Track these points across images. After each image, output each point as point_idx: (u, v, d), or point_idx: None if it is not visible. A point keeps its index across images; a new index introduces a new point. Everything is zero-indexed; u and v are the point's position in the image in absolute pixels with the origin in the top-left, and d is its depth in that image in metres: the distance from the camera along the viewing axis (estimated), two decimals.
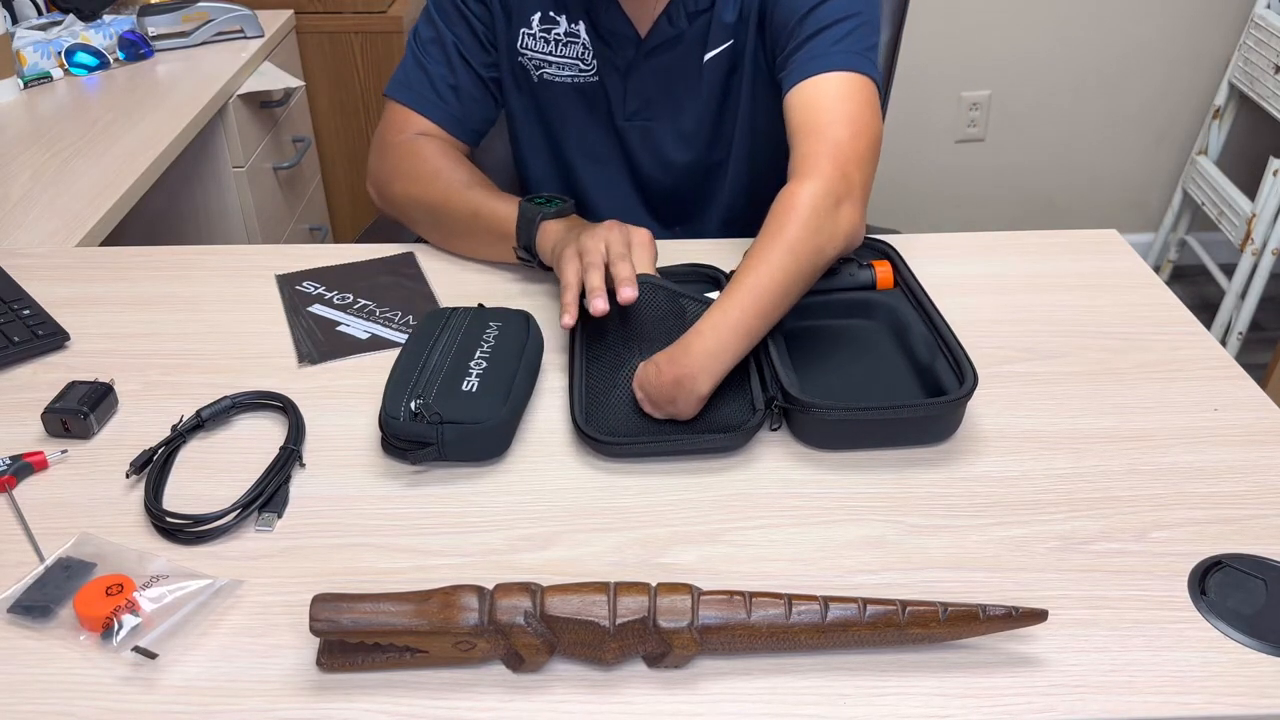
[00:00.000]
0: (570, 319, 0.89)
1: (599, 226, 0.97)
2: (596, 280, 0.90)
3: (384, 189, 1.18)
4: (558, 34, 1.15)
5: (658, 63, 1.15)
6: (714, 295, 1.00)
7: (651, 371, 0.84)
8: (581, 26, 1.14)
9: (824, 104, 0.99)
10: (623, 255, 0.92)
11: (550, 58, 1.16)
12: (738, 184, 1.25)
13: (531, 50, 1.16)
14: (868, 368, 0.93)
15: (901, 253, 1.05)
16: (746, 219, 1.29)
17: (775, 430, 0.86)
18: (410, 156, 1.16)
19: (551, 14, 1.14)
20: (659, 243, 1.14)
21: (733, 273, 1.04)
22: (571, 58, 1.16)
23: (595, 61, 1.16)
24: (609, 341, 0.92)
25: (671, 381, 0.82)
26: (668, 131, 1.20)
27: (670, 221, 1.28)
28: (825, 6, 1.04)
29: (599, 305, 0.88)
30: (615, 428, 0.84)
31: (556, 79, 1.17)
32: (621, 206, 1.27)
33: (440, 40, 1.17)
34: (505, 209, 1.06)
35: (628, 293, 0.88)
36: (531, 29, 1.15)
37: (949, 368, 0.87)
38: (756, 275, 0.87)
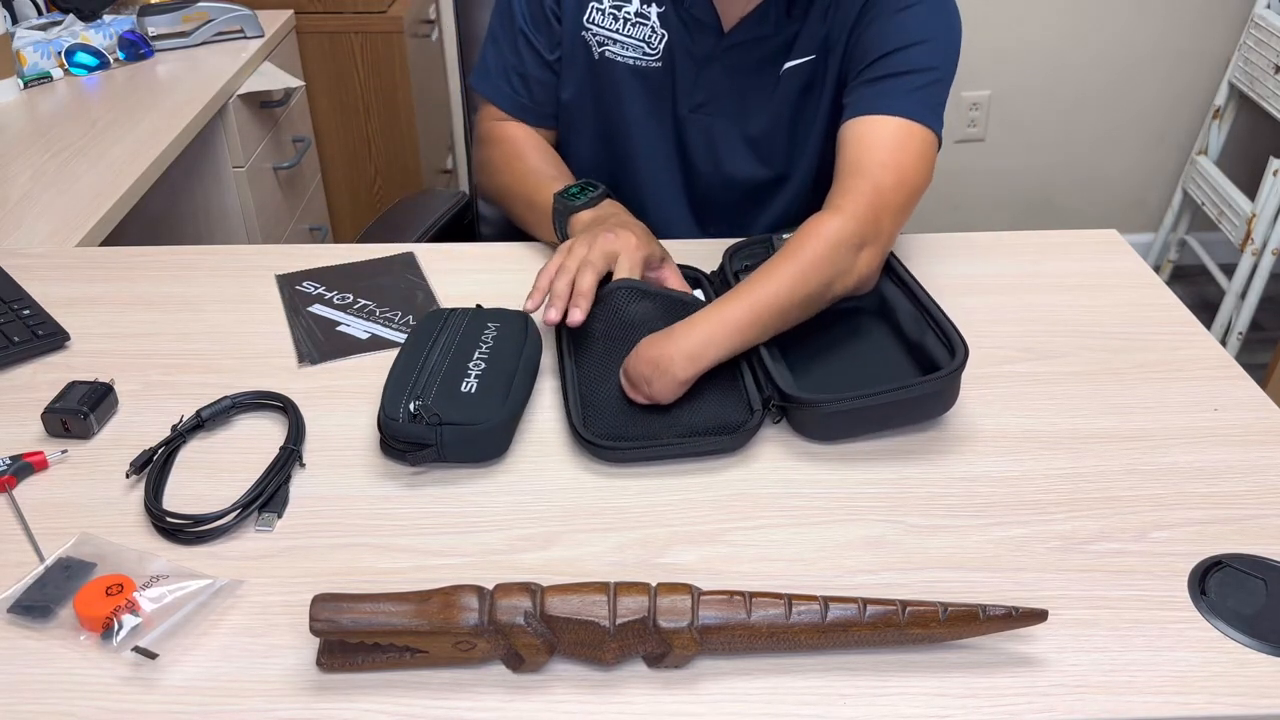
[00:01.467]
0: (533, 305, 0.92)
1: (597, 233, 0.97)
2: (561, 286, 0.92)
3: (477, 180, 1.28)
4: (627, 12, 1.13)
5: (735, 59, 1.14)
6: (696, 294, 1.01)
7: (633, 353, 0.85)
8: (653, 10, 1.12)
9: (879, 145, 1.00)
10: (592, 265, 0.93)
11: (616, 35, 1.15)
12: (796, 202, 1.24)
13: (598, 25, 1.15)
14: (860, 350, 0.93)
15: (902, 253, 1.05)
16: None
17: (777, 423, 0.86)
18: (490, 146, 1.22)
19: None
20: (693, 242, 1.14)
21: (713, 273, 1.04)
22: (638, 39, 1.14)
23: (661, 47, 1.14)
24: (597, 344, 0.92)
25: (649, 360, 0.83)
26: (731, 131, 1.19)
27: (711, 222, 1.26)
28: (909, 51, 1.03)
29: (550, 315, 0.90)
30: (612, 431, 0.84)
31: (618, 58, 1.16)
32: (665, 201, 1.25)
33: (510, 20, 1.19)
34: (549, 201, 1.09)
35: (575, 314, 0.90)
36: (601, 4, 1.14)
37: (939, 342, 0.87)
38: (761, 286, 0.88)
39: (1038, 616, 0.65)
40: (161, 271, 1.09)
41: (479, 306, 0.96)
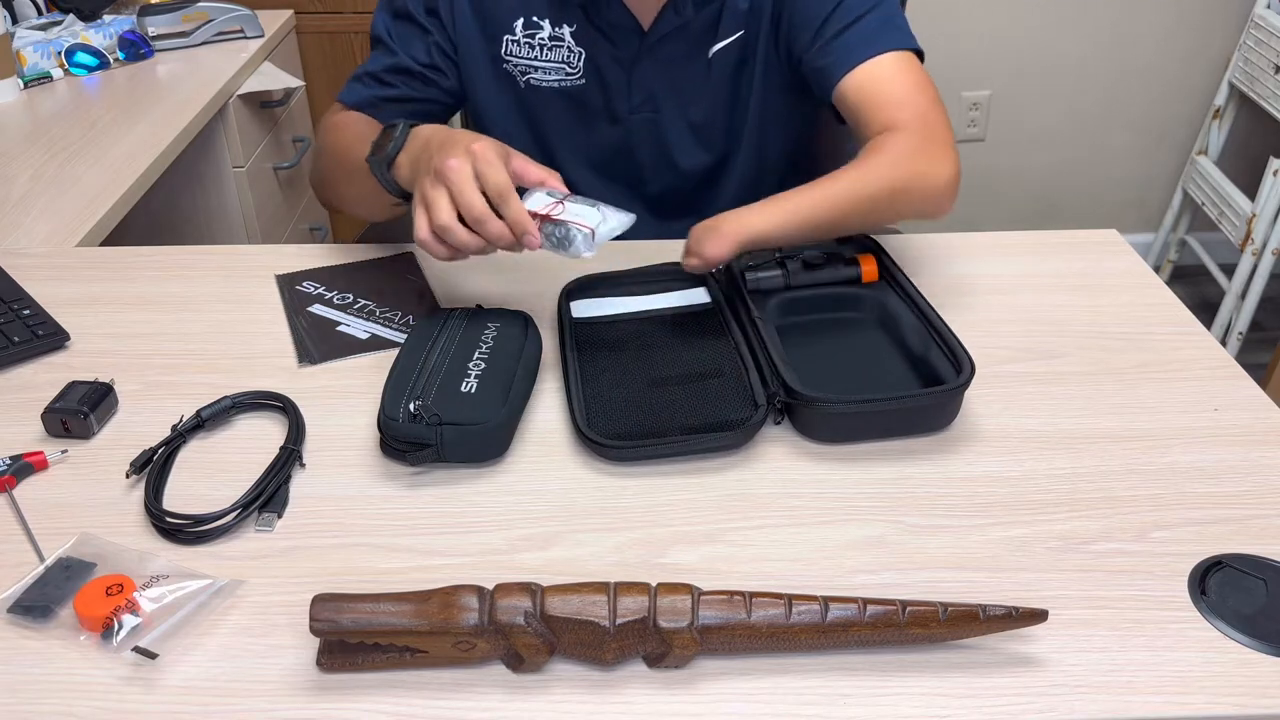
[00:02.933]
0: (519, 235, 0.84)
1: (446, 175, 0.84)
2: (474, 243, 0.84)
3: (315, 191, 1.21)
4: (541, 38, 1.14)
5: (662, 54, 1.14)
6: (699, 290, 1.01)
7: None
8: (565, 30, 1.13)
9: (892, 81, 1.01)
10: (500, 195, 0.84)
11: (535, 62, 1.15)
12: (745, 180, 1.24)
13: (516, 56, 1.16)
14: (862, 360, 0.93)
15: (902, 253, 1.05)
16: None
17: (778, 424, 0.86)
18: (319, 136, 1.18)
19: (534, 19, 1.14)
20: (657, 243, 1.13)
21: (716, 272, 1.04)
22: (557, 61, 1.15)
23: (581, 64, 1.15)
24: (602, 345, 0.92)
25: (704, 225, 0.86)
26: (674, 124, 1.19)
27: (671, 217, 1.27)
28: (847, 2, 1.06)
29: (532, 243, 0.84)
30: (618, 430, 0.84)
31: (543, 84, 1.17)
32: (620, 203, 1.25)
33: (385, 47, 1.17)
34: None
35: (532, 241, 0.84)
36: (515, 35, 1.15)
37: (944, 356, 0.88)
38: (822, 183, 0.91)
39: (1038, 616, 0.65)
40: (161, 271, 1.09)
41: (479, 306, 0.96)
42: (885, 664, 0.66)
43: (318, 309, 1.03)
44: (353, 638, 0.63)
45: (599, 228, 0.88)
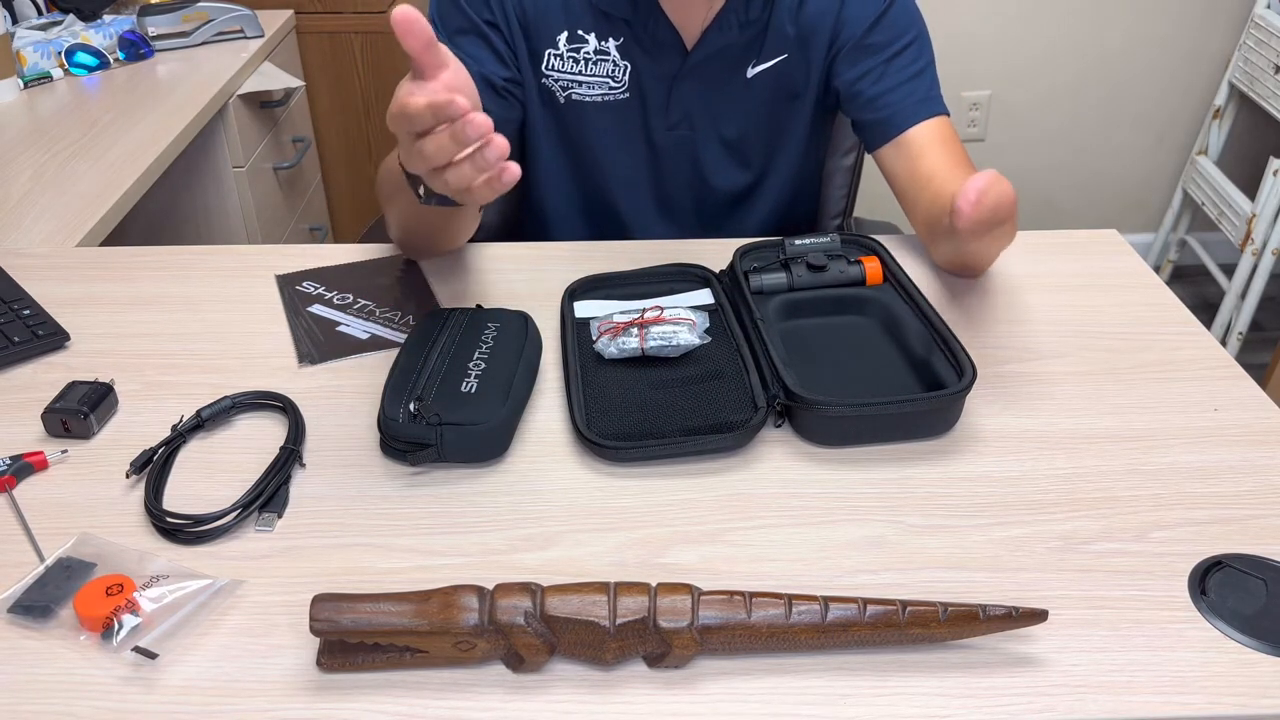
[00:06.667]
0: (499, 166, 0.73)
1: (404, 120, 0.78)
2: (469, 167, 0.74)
3: (400, 247, 1.12)
4: (586, 53, 1.13)
5: (704, 73, 1.14)
6: (704, 293, 1.01)
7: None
8: (611, 43, 1.12)
9: (948, 143, 1.11)
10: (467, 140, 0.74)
11: (580, 77, 1.14)
12: (778, 199, 1.24)
13: (559, 71, 1.14)
14: (863, 363, 0.93)
15: (902, 252, 1.04)
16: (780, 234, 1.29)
17: (779, 427, 0.86)
18: (384, 188, 1.07)
19: (580, 33, 1.12)
20: (704, 242, 1.14)
21: (722, 271, 1.04)
22: (602, 75, 1.14)
23: (626, 78, 1.14)
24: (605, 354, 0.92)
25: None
26: (708, 142, 1.19)
27: (700, 233, 1.27)
28: (910, 51, 1.12)
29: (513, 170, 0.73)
30: (618, 431, 0.84)
31: (586, 99, 1.15)
32: (649, 220, 1.25)
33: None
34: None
35: (514, 169, 0.73)
36: (558, 49, 1.13)
37: (946, 361, 0.88)
38: None
39: (1038, 616, 0.65)
40: (161, 271, 1.09)
41: (479, 306, 0.96)
42: (885, 664, 0.66)
43: (318, 309, 1.03)
44: (353, 638, 0.63)
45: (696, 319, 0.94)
